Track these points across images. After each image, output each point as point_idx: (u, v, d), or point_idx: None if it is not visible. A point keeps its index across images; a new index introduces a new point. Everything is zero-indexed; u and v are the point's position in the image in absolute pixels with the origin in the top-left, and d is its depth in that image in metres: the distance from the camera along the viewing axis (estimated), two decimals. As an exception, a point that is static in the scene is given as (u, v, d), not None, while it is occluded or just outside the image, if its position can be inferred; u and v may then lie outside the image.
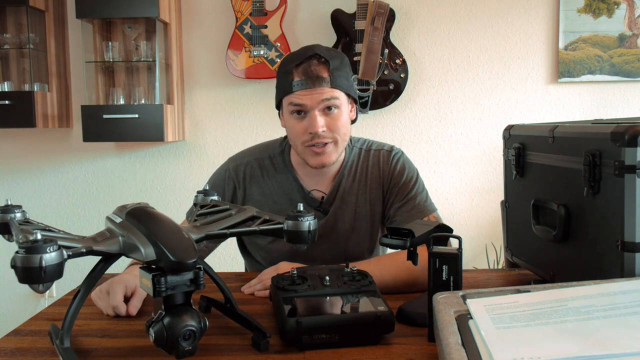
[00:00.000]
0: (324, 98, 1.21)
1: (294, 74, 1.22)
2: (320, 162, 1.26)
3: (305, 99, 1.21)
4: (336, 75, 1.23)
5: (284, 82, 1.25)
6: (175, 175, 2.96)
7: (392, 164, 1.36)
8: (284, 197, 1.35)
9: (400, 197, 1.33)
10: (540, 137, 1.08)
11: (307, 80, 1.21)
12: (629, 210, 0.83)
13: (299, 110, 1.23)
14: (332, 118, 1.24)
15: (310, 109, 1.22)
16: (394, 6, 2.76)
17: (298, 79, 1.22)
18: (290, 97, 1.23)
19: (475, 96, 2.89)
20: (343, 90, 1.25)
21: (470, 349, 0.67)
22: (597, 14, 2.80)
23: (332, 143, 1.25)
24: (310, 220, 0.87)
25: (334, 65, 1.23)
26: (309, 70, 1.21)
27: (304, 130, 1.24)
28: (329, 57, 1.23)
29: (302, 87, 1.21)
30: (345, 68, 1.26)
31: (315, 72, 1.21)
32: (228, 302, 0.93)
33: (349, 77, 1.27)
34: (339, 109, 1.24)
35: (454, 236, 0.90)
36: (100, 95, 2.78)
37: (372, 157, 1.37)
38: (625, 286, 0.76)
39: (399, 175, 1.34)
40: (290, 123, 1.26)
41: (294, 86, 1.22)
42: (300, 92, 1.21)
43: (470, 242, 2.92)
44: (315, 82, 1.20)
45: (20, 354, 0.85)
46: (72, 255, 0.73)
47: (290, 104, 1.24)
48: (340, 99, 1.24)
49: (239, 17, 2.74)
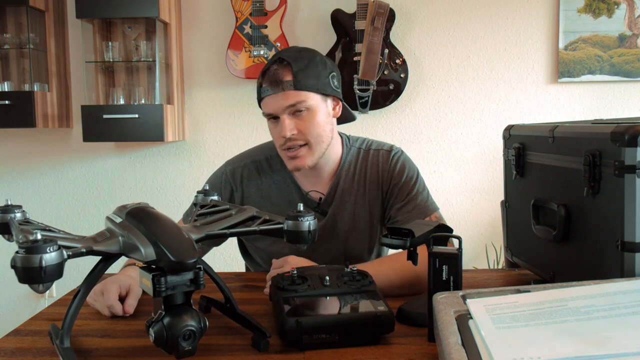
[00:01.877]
0: (290, 103, 1.20)
1: (262, 80, 1.23)
2: (294, 165, 1.25)
3: (272, 105, 1.21)
4: (301, 76, 1.19)
5: (257, 90, 1.26)
6: (175, 175, 2.96)
7: (392, 164, 1.33)
8: (281, 198, 1.34)
9: (401, 197, 1.31)
10: (540, 137, 1.08)
11: (271, 86, 1.20)
12: (629, 210, 0.83)
13: (272, 116, 1.23)
14: (303, 120, 1.21)
15: (279, 114, 1.21)
16: (394, 6, 2.76)
17: (265, 86, 1.21)
18: (263, 105, 1.24)
19: (475, 96, 2.89)
20: (311, 90, 1.21)
21: (470, 349, 0.67)
22: (597, 14, 2.80)
23: (306, 146, 1.23)
24: (310, 220, 0.87)
25: (297, 66, 1.20)
26: (271, 75, 1.20)
27: (279, 135, 1.23)
28: (293, 59, 1.20)
29: (268, 93, 1.21)
30: (314, 68, 1.22)
31: (276, 76, 1.19)
32: (228, 302, 0.93)
33: (320, 76, 1.23)
34: (309, 110, 1.22)
35: (454, 236, 0.90)
36: (100, 95, 2.78)
37: (372, 157, 1.35)
38: (625, 286, 0.76)
39: (398, 175, 1.32)
40: (270, 128, 1.27)
41: (261, 92, 1.22)
42: (267, 99, 1.21)
43: (470, 242, 2.92)
44: (278, 86, 1.19)
45: (20, 354, 0.85)
46: (72, 255, 0.73)
47: (263, 112, 1.25)
48: (308, 100, 1.21)
49: (239, 17, 2.74)
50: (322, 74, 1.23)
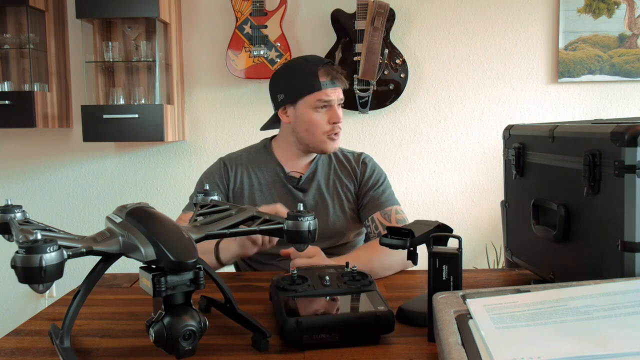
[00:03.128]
0: (342, 97, 1.51)
1: (319, 75, 1.46)
2: (334, 146, 1.52)
3: (332, 95, 1.48)
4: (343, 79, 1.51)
5: (308, 82, 1.47)
6: (175, 175, 2.96)
7: (363, 162, 1.59)
8: (269, 177, 1.55)
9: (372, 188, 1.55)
10: (540, 137, 1.08)
11: (333, 80, 1.48)
12: (629, 210, 0.83)
13: (324, 105, 1.47)
14: (340, 112, 1.51)
15: (334, 103, 1.49)
16: (394, 6, 2.76)
17: (325, 79, 1.47)
18: (319, 94, 1.47)
19: (475, 96, 2.89)
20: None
21: (470, 349, 0.67)
22: (597, 14, 2.80)
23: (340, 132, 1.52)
24: (310, 220, 0.87)
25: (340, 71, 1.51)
26: (332, 72, 1.48)
27: (327, 121, 1.48)
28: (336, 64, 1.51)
29: (330, 86, 1.47)
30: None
31: (337, 75, 1.49)
32: (228, 302, 0.93)
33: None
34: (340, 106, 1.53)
35: (454, 236, 0.90)
36: (100, 95, 2.78)
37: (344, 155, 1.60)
38: (625, 286, 0.76)
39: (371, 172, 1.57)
40: (315, 116, 1.48)
41: (323, 85, 1.46)
42: (330, 90, 1.47)
43: (470, 242, 2.92)
44: (338, 82, 1.49)
45: (20, 354, 0.85)
46: (72, 255, 0.73)
47: (320, 99, 1.47)
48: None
49: (239, 17, 2.74)
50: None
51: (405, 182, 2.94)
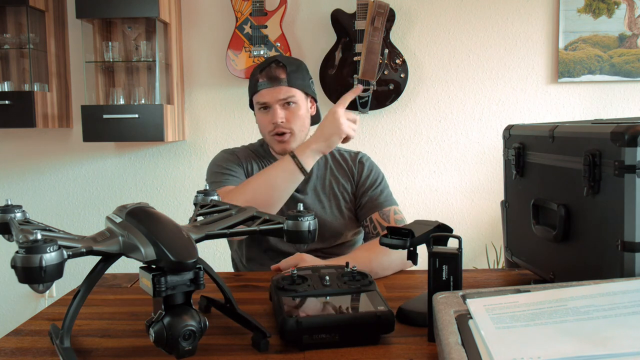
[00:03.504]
0: (282, 96, 1.46)
1: (258, 76, 1.48)
2: (281, 148, 1.49)
3: (267, 96, 1.47)
4: (292, 76, 1.47)
5: (252, 84, 1.51)
6: (175, 175, 2.96)
7: (359, 161, 1.58)
8: None
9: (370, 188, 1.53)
10: (540, 137, 1.08)
11: (268, 81, 1.46)
12: (629, 210, 0.83)
13: (264, 106, 1.48)
14: (290, 111, 1.48)
15: (272, 104, 1.47)
16: (394, 6, 2.76)
17: (262, 80, 1.47)
18: (257, 96, 1.49)
19: (475, 96, 2.89)
20: (299, 88, 1.48)
21: (470, 349, 0.67)
22: (597, 14, 2.80)
23: (290, 134, 1.48)
24: (310, 220, 0.87)
25: (290, 68, 1.47)
26: (270, 72, 1.46)
27: (268, 122, 1.48)
28: (286, 62, 1.48)
29: (265, 87, 1.46)
30: (301, 72, 1.50)
31: (274, 73, 1.46)
32: (228, 302, 0.93)
33: (305, 79, 1.51)
34: (296, 104, 1.48)
35: (454, 236, 0.90)
36: (100, 95, 2.78)
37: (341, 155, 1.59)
38: (625, 286, 0.76)
39: (368, 172, 1.56)
40: (259, 117, 1.53)
41: (258, 86, 1.47)
42: (264, 91, 1.47)
43: (470, 242, 2.92)
44: (274, 82, 1.45)
45: (20, 354, 0.85)
46: (72, 255, 0.73)
47: (257, 102, 1.49)
48: (296, 95, 1.48)
49: (239, 17, 2.74)
50: (306, 78, 1.52)
51: (405, 182, 2.94)
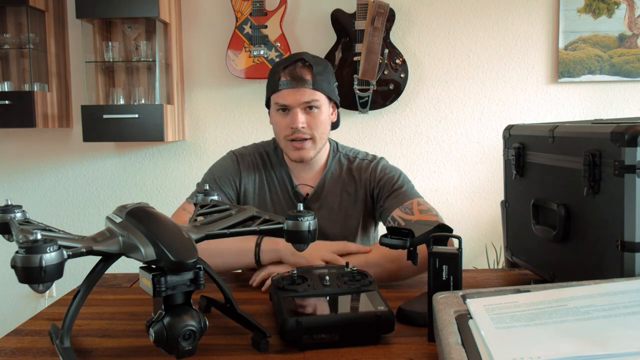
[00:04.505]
0: (306, 99, 1.34)
1: (281, 74, 1.35)
2: (299, 155, 1.38)
3: (289, 98, 1.34)
4: (318, 79, 1.35)
5: (272, 81, 1.38)
6: (175, 175, 2.96)
7: (373, 169, 1.45)
8: (278, 187, 1.46)
9: (387, 190, 1.41)
10: (540, 137, 1.08)
11: (291, 81, 1.33)
12: (629, 210, 0.83)
13: (284, 108, 1.36)
14: (312, 116, 1.36)
15: (293, 106, 1.34)
16: (394, 6, 2.76)
17: (284, 79, 1.34)
18: (277, 96, 1.36)
19: (475, 96, 2.89)
20: (324, 92, 1.36)
21: (470, 349, 0.67)
22: (597, 14, 2.80)
23: (310, 140, 1.37)
24: (310, 220, 0.87)
25: (317, 70, 1.35)
26: (294, 72, 1.34)
27: (287, 125, 1.36)
28: (313, 62, 1.36)
29: (287, 87, 1.34)
30: (327, 74, 1.39)
31: (299, 74, 1.34)
32: (228, 302, 0.93)
33: (331, 83, 1.39)
34: (319, 109, 1.36)
35: (454, 236, 0.90)
36: (100, 95, 2.78)
37: (356, 165, 1.47)
38: (625, 286, 0.76)
39: (381, 174, 1.44)
40: (276, 119, 1.39)
41: (280, 85, 1.34)
42: (285, 91, 1.34)
43: (470, 242, 2.92)
44: (299, 83, 1.33)
45: (20, 354, 0.85)
46: (72, 255, 0.73)
47: (276, 102, 1.37)
48: (320, 100, 1.36)
49: (239, 17, 2.74)
50: (332, 81, 1.40)
51: (405, 182, 2.94)
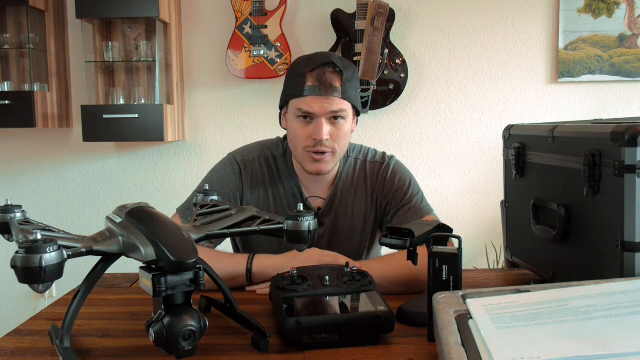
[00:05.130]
0: (334, 109, 1.21)
1: (307, 78, 1.21)
2: (317, 169, 1.26)
3: (315, 107, 1.21)
4: (348, 86, 1.22)
5: (295, 84, 1.23)
6: (175, 175, 2.96)
7: (384, 174, 1.36)
8: (287, 198, 1.36)
9: (395, 203, 1.34)
10: (540, 137, 1.08)
11: (320, 87, 1.20)
12: (629, 210, 0.83)
13: (307, 115, 1.23)
14: (337, 128, 1.24)
15: (318, 116, 1.21)
16: (394, 6, 2.76)
17: (311, 84, 1.20)
18: (300, 102, 1.22)
19: (475, 96, 2.89)
20: (352, 102, 1.25)
21: (470, 349, 0.67)
22: (597, 14, 2.80)
23: (331, 153, 1.26)
24: (310, 220, 0.87)
25: (347, 76, 1.23)
26: (323, 77, 1.20)
27: (308, 136, 1.23)
28: (343, 67, 1.23)
29: (314, 93, 1.20)
30: (356, 80, 1.27)
31: (329, 80, 1.20)
32: (228, 302, 0.93)
33: (357, 90, 1.28)
34: (344, 119, 1.25)
35: (454, 236, 0.90)
36: (100, 95, 2.78)
37: (368, 169, 1.38)
38: (625, 286, 0.76)
39: (390, 183, 1.35)
40: (295, 126, 1.25)
41: (305, 90, 1.21)
42: (311, 98, 1.21)
43: (470, 242, 2.92)
44: (328, 90, 1.20)
45: (20, 354, 0.85)
46: (72, 255, 0.73)
47: (299, 109, 1.23)
48: (347, 110, 1.24)
49: (239, 17, 2.74)
50: (358, 88, 1.29)
51: (405, 182, 2.94)
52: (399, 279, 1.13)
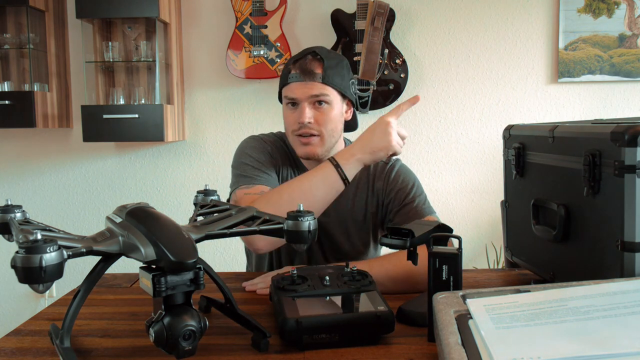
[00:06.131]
0: (314, 93, 1.29)
1: (291, 67, 1.31)
2: (305, 152, 1.32)
3: (297, 91, 1.29)
4: (329, 72, 1.29)
5: (283, 75, 1.34)
6: (175, 175, 2.96)
7: (388, 173, 1.40)
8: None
9: (398, 202, 1.36)
10: (540, 137, 1.08)
11: (301, 74, 1.29)
12: (629, 210, 0.83)
13: (293, 102, 1.31)
14: (321, 112, 1.30)
15: (301, 101, 1.29)
16: (394, 6, 2.76)
17: (294, 72, 1.30)
18: (286, 89, 1.32)
19: (475, 96, 2.89)
20: (335, 88, 1.30)
21: (470, 349, 0.67)
22: (597, 14, 2.80)
23: (318, 137, 1.31)
24: (310, 220, 0.87)
25: (328, 64, 1.30)
26: (304, 65, 1.29)
27: (294, 120, 1.31)
28: (325, 56, 1.31)
29: (296, 80, 1.29)
30: (341, 69, 1.32)
31: (309, 67, 1.29)
32: (228, 302, 0.93)
33: (344, 78, 1.33)
34: (329, 104, 1.30)
35: (454, 236, 0.90)
36: (100, 95, 2.78)
37: (372, 167, 1.40)
38: (625, 286, 0.76)
39: (394, 182, 1.38)
40: (285, 113, 1.35)
41: (289, 78, 1.30)
42: (294, 85, 1.29)
43: (470, 242, 2.92)
44: (307, 76, 1.28)
45: (20, 354, 0.85)
46: (72, 255, 0.73)
47: (286, 96, 1.32)
48: (330, 95, 1.30)
49: (239, 17, 2.74)
50: (345, 77, 1.34)
51: (405, 182, 2.94)
52: (399, 276, 1.14)
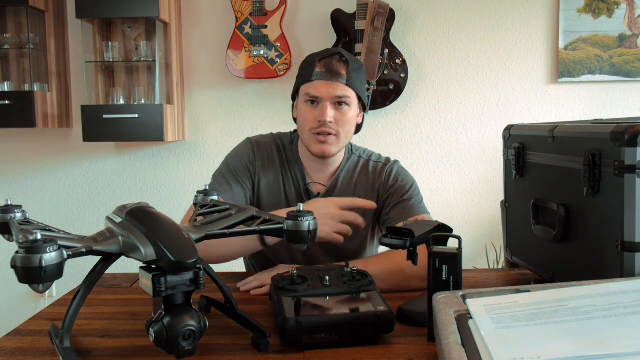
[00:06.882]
0: (338, 94, 1.31)
1: (316, 65, 1.33)
2: (321, 150, 1.34)
3: (322, 90, 1.31)
4: (353, 75, 1.32)
5: (305, 72, 1.35)
6: (175, 175, 2.96)
7: (387, 174, 1.43)
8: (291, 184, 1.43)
9: (396, 197, 1.39)
10: (540, 137, 1.08)
11: (326, 73, 1.31)
12: (629, 210, 0.83)
13: (314, 100, 1.33)
14: (341, 113, 1.33)
15: (323, 99, 1.31)
16: (394, 6, 2.76)
17: (319, 70, 1.32)
18: (309, 86, 1.33)
19: (475, 96, 2.89)
20: (356, 90, 1.34)
21: (470, 349, 0.67)
22: (597, 14, 2.80)
23: (335, 136, 1.34)
24: (310, 220, 0.87)
25: (352, 66, 1.33)
26: (330, 64, 1.31)
27: (314, 118, 1.32)
28: (349, 59, 1.34)
29: (321, 78, 1.31)
30: (362, 74, 1.37)
31: (335, 67, 1.31)
32: (228, 302, 0.93)
33: (363, 83, 1.38)
34: (348, 106, 1.33)
35: (454, 236, 0.90)
36: (100, 95, 2.78)
37: (371, 168, 1.45)
38: (625, 286, 0.76)
39: (393, 180, 1.42)
40: (303, 111, 1.35)
41: (313, 76, 1.32)
42: (318, 83, 1.31)
43: (470, 242, 2.92)
44: (334, 76, 1.31)
45: (20, 354, 0.85)
46: (72, 255, 0.73)
47: (307, 93, 1.33)
48: (351, 97, 1.33)
49: (239, 17, 2.74)
50: (364, 82, 1.39)
51: (405, 182, 2.94)
52: (394, 268, 1.15)
